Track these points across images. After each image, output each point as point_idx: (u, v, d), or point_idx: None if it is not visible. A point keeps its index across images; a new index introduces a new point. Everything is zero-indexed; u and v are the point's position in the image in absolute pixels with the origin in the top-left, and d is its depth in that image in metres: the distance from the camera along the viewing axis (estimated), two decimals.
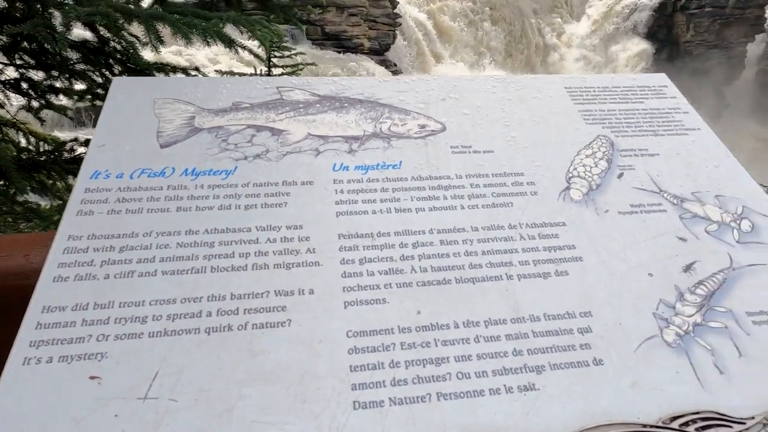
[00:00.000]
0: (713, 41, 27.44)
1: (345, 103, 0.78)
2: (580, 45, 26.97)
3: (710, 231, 0.66)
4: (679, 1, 27.92)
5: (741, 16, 27.14)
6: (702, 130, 0.81)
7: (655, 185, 0.71)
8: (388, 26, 20.95)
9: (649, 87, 0.88)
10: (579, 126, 0.79)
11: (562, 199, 0.68)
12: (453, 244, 0.61)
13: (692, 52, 27.59)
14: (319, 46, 18.53)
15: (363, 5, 19.44)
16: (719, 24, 27.17)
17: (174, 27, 1.39)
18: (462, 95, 0.82)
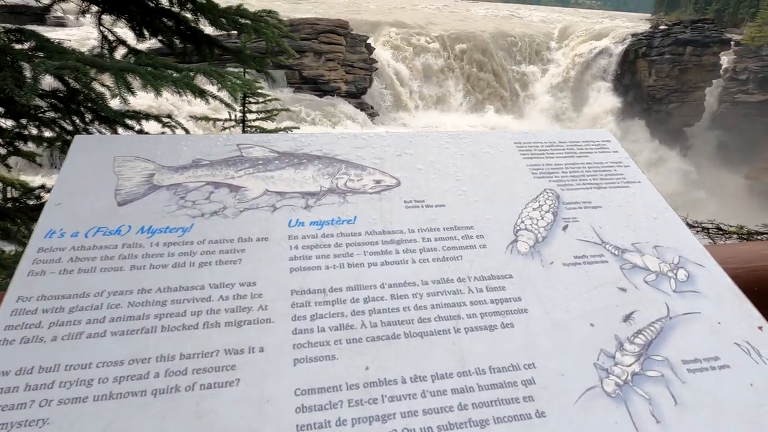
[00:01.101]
0: (674, 86, 28.96)
1: (303, 160, 0.81)
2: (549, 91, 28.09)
3: (649, 281, 0.70)
4: (641, 49, 29.56)
5: (698, 63, 28.82)
6: (642, 182, 0.86)
7: (597, 237, 0.75)
8: (364, 71, 21.55)
9: (593, 142, 0.93)
10: (527, 180, 0.83)
11: (510, 252, 0.71)
12: (403, 298, 0.63)
13: (655, 95, 29.02)
14: (298, 90, 18.88)
15: (340, 51, 20.03)
16: (678, 70, 28.77)
17: (144, 79, 1.42)
18: (417, 150, 0.86)
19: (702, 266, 0.73)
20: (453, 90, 25.66)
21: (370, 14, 30.53)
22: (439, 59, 25.90)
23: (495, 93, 26.94)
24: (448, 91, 25.48)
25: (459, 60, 26.52)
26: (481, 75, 26.81)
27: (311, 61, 19.31)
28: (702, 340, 0.63)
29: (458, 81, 26.02)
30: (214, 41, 2.30)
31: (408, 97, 24.01)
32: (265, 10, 2.35)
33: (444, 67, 25.89)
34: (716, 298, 0.69)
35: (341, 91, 20.21)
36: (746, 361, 0.62)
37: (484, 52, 27.35)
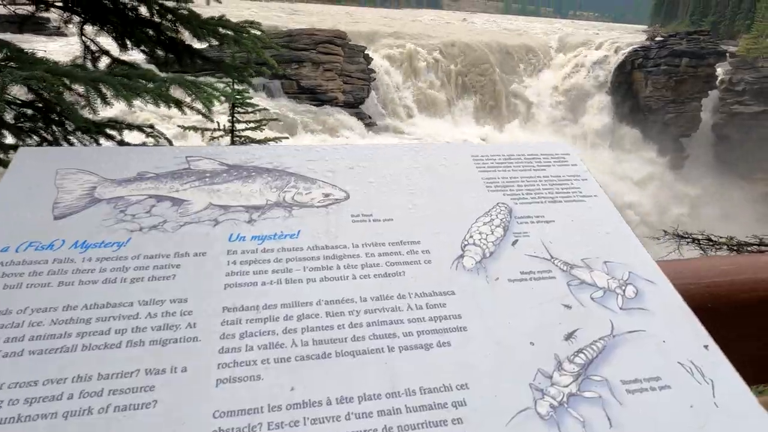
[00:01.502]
0: (670, 97, 29.15)
1: (252, 172, 0.80)
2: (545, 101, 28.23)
3: (595, 297, 0.68)
4: (637, 60, 29.78)
5: (694, 74, 29.03)
6: (599, 196, 0.85)
7: (547, 252, 0.74)
8: (362, 81, 21.67)
9: (552, 155, 0.93)
10: (480, 193, 0.82)
11: (455, 268, 0.70)
12: (339, 315, 0.62)
13: (651, 106, 29.18)
14: (295, 100, 18.96)
15: (338, 61, 20.15)
16: (674, 81, 28.96)
17: (114, 89, 1.41)
18: (371, 163, 0.85)
19: (652, 282, 0.71)
20: (450, 100, 25.78)
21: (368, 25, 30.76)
22: (437, 70, 26.05)
23: (492, 103, 27.07)
24: (445, 101, 25.61)
25: (457, 70, 26.68)
26: (478, 86, 26.96)
27: (309, 71, 19.41)
28: (645, 359, 0.62)
29: (456, 91, 26.15)
30: (195, 51, 2.30)
31: (405, 107, 24.11)
32: (248, 20, 2.35)
33: (442, 77, 26.04)
34: (664, 316, 0.67)
35: (339, 100, 20.30)
36: (688, 381, 0.60)
37: (481, 62, 27.53)
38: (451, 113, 25.38)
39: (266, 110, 4.36)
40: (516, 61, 29.76)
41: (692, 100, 29.32)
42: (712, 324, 0.76)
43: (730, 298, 0.77)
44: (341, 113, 19.70)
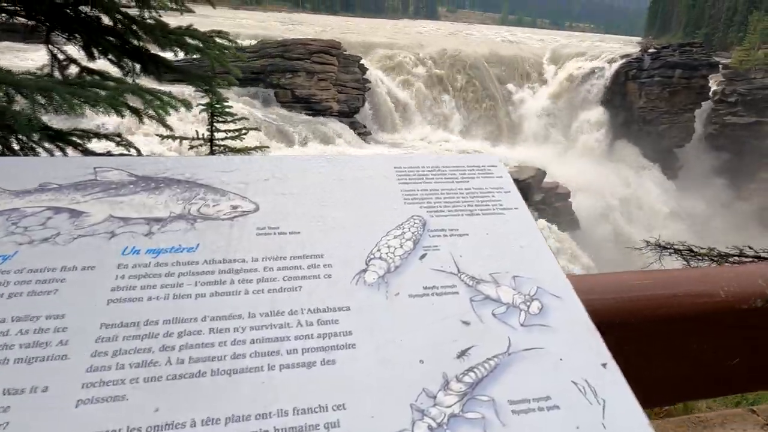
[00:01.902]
0: (664, 107, 29.36)
1: (161, 184, 0.78)
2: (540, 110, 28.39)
3: (497, 314, 0.67)
4: (631, 71, 30.02)
5: (687, 86, 29.27)
6: (519, 209, 0.83)
7: (455, 266, 0.72)
8: (357, 90, 21.75)
9: (477, 167, 0.91)
10: (396, 206, 0.81)
11: (356, 282, 0.68)
12: (223, 332, 0.60)
13: (645, 117, 29.38)
14: (289, 109, 19.00)
15: (332, 71, 20.23)
16: (668, 92, 29.18)
17: (62, 98, 1.40)
18: (286, 175, 0.83)
19: (559, 298, 0.70)
20: (445, 110, 25.89)
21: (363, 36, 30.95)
22: (431, 80, 26.19)
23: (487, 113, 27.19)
24: (440, 111, 25.71)
25: (451, 80, 26.82)
26: (473, 95, 27.09)
27: (303, 80, 19.47)
28: (537, 378, 0.60)
29: (450, 101, 26.27)
30: (160, 60, 2.29)
31: (400, 116, 24.20)
32: (216, 30, 2.35)
33: (436, 87, 26.17)
34: (566, 333, 0.66)
35: (333, 110, 20.35)
36: (579, 401, 0.58)
37: (476, 72, 27.70)
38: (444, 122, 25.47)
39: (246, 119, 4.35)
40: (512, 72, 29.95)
41: (685, 111, 29.54)
42: (622, 340, 0.74)
43: (643, 314, 0.76)
44: (335, 122, 19.74)
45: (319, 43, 20.50)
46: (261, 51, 19.83)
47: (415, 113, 24.96)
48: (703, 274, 0.82)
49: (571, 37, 54.28)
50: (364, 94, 22.39)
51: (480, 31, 56.27)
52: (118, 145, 2.44)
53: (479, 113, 27.08)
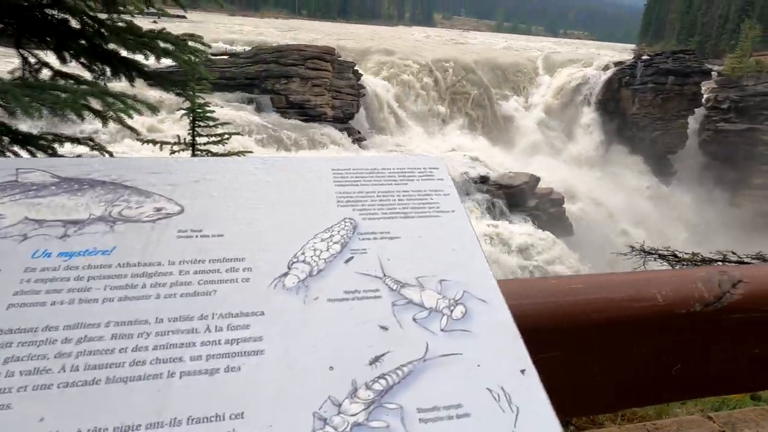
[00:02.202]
0: (657, 114, 29.54)
1: (85, 185, 0.76)
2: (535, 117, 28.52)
3: (418, 318, 0.65)
4: (624, 78, 30.22)
5: (680, 92, 29.47)
6: (456, 212, 0.82)
7: (380, 270, 0.70)
8: (351, 96, 21.79)
9: (419, 169, 0.90)
10: (329, 209, 0.79)
11: (274, 286, 0.66)
12: (126, 338, 0.58)
13: (639, 123, 29.55)
14: (284, 115, 19.01)
15: (327, 77, 20.27)
16: (661, 99, 29.38)
17: (17, 101, 1.38)
18: (219, 176, 0.81)
19: (485, 302, 0.68)
20: (440, 115, 25.97)
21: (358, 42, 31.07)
22: (426, 86, 26.28)
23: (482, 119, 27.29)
24: (434, 117, 25.79)
25: (446, 86, 26.93)
26: (468, 101, 27.20)
27: (298, 86, 19.50)
28: (452, 385, 0.58)
29: (445, 107, 26.36)
30: (131, 64, 2.28)
31: (395, 122, 24.25)
32: (189, 33, 2.34)
33: (431, 93, 26.26)
34: (487, 338, 0.64)
35: (328, 116, 20.37)
36: (492, 408, 0.57)
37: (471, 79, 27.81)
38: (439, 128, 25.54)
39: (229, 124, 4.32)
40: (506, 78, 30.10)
41: (678, 117, 29.74)
42: (552, 344, 0.73)
43: (578, 319, 0.74)
44: (330, 128, 19.75)
45: (313, 49, 20.55)
46: (256, 57, 19.86)
47: (410, 119, 25.02)
48: (640, 278, 0.80)
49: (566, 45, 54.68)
50: (359, 100, 22.43)
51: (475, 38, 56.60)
52: (92, 149, 2.42)
53: (474, 119, 27.17)
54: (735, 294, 0.80)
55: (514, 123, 28.43)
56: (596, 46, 56.03)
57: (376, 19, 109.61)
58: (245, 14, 76.30)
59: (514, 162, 23.11)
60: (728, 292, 0.81)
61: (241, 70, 19.51)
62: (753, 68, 31.08)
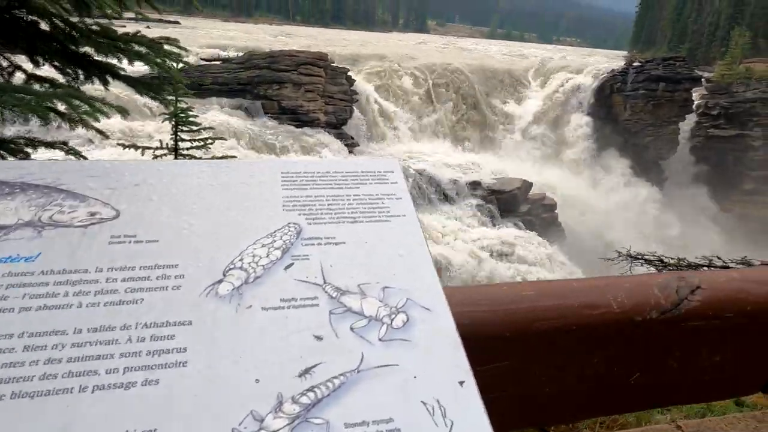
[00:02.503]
0: (649, 120, 29.74)
1: (17, 189, 0.73)
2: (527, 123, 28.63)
3: (356, 327, 0.62)
4: (616, 84, 30.43)
5: (671, 99, 29.70)
6: (407, 216, 0.79)
7: (321, 276, 0.68)
8: (345, 102, 21.80)
9: (373, 172, 0.87)
10: (274, 213, 0.76)
11: (206, 295, 0.63)
12: (39, 350, 0.54)
13: (631, 129, 29.73)
14: (276, 120, 18.97)
15: (320, 83, 20.27)
16: (652, 105, 29.59)
17: None
18: (160, 180, 0.78)
19: (429, 310, 0.65)
20: (433, 121, 26.03)
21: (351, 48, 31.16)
22: (419, 92, 26.36)
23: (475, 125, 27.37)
24: (428, 123, 25.84)
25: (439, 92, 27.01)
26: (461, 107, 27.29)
27: (290, 92, 19.48)
28: (384, 398, 0.55)
29: (438, 113, 26.43)
30: (104, 67, 2.24)
31: (389, 127, 24.28)
32: (165, 37, 2.31)
33: (424, 99, 26.33)
34: (427, 348, 0.61)
35: (321, 121, 20.36)
36: (425, 423, 0.54)
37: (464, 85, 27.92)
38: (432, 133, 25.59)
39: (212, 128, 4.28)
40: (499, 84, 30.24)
41: (670, 123, 29.94)
42: (506, 355, 0.70)
43: (531, 327, 0.72)
44: (322, 134, 19.74)
45: (306, 54, 20.56)
46: (248, 62, 19.85)
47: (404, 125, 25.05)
48: (595, 284, 0.78)
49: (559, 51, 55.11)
50: (352, 106, 22.44)
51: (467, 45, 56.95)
52: (67, 153, 2.38)
53: (467, 126, 27.25)
54: (693, 301, 0.78)
55: (506, 128, 28.53)
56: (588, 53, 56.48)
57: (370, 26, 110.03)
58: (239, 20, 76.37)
59: (506, 167, 23.18)
60: (686, 299, 0.78)
61: (233, 76, 19.49)
62: (743, 75, 31.40)
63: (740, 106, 29.41)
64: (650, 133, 29.70)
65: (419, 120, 25.70)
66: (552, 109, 29.63)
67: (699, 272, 0.82)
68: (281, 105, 19.36)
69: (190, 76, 19.36)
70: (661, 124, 29.74)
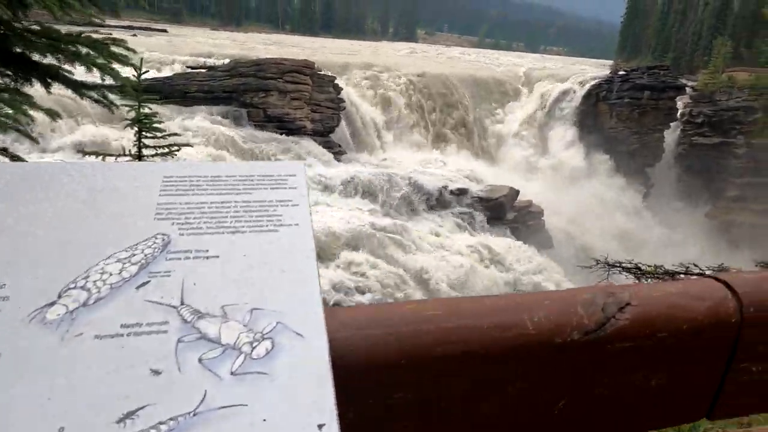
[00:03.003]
0: (634, 128, 30.03)
1: None
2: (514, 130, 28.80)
3: (206, 359, 0.52)
4: (601, 93, 30.73)
5: (656, 107, 30.05)
6: (299, 225, 0.70)
7: (180, 297, 0.58)
8: (331, 110, 21.74)
9: (271, 176, 0.78)
10: (143, 223, 0.66)
11: (30, 320, 0.53)
12: None
13: (616, 137, 29.99)
14: (261, 128, 18.86)
15: (306, 90, 20.22)
16: (638, 113, 29.90)
17: None
18: (17, 186, 0.68)
19: (301, 336, 0.56)
20: (420, 130, 26.05)
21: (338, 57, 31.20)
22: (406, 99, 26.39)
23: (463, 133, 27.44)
24: (415, 131, 25.86)
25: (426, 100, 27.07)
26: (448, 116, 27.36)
27: (276, 99, 19.38)
28: None
29: (425, 121, 26.47)
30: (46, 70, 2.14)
31: (376, 135, 24.25)
32: (112, 37, 2.21)
33: (411, 107, 26.37)
34: (287, 383, 0.51)
35: (307, 129, 20.25)
36: None
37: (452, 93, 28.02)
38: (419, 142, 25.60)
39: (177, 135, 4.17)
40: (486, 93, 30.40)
41: (655, 131, 30.26)
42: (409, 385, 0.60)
43: (432, 351, 0.62)
44: (308, 141, 19.63)
45: (291, 62, 20.48)
46: (233, 70, 19.72)
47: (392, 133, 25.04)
48: (510, 302, 0.68)
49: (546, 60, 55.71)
50: (339, 114, 22.38)
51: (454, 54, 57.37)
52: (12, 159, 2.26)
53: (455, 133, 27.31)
54: (621, 319, 0.69)
55: (493, 137, 28.66)
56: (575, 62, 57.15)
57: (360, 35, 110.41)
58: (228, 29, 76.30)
59: (494, 175, 23.23)
60: (613, 317, 0.70)
61: (218, 84, 19.35)
62: (725, 84, 31.87)
63: (723, 114, 29.82)
64: (635, 140, 29.97)
65: (406, 128, 25.71)
66: (538, 117, 29.83)
67: (630, 287, 0.73)
68: (267, 113, 19.25)
69: (175, 84, 19.21)
70: (646, 132, 30.04)
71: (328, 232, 13.94)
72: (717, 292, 0.75)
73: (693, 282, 0.79)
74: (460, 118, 27.62)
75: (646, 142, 30.07)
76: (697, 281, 0.79)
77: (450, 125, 27.24)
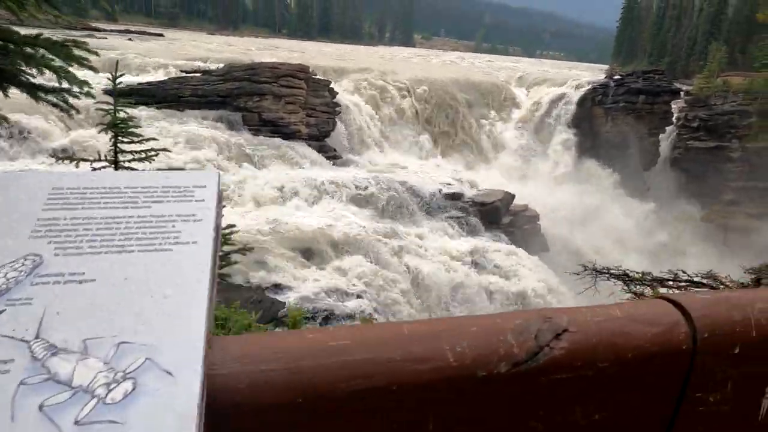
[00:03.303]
0: (630, 132, 30.07)
1: None
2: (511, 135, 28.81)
3: (48, 405, 0.45)
4: (597, 97, 30.79)
5: (651, 111, 30.12)
6: (198, 243, 0.62)
7: (36, 329, 0.50)
8: (327, 114, 21.70)
9: (177, 188, 0.70)
10: (15, 242, 0.59)
11: None
12: None
13: (612, 141, 30.02)
14: (256, 133, 18.79)
15: (301, 95, 20.17)
16: (633, 117, 29.96)
17: None
18: None
19: (171, 375, 0.48)
20: (416, 134, 26.02)
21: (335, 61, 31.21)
22: (402, 104, 26.38)
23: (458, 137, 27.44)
24: (411, 135, 25.83)
25: (422, 105, 27.07)
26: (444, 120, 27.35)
27: (271, 104, 19.31)
28: None
29: (421, 125, 26.45)
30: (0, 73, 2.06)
31: (371, 140, 24.20)
32: (73, 40, 2.14)
33: (407, 111, 26.35)
34: None
35: (302, 133, 20.19)
36: None
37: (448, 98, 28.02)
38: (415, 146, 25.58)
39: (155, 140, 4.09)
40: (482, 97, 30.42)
41: (650, 135, 30.31)
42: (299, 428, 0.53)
43: (339, 387, 0.55)
44: (303, 146, 19.56)
45: (286, 66, 20.43)
46: (228, 74, 19.65)
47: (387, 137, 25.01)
48: (430, 330, 0.61)
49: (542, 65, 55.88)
50: (335, 118, 22.33)
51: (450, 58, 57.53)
52: None
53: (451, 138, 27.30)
54: (556, 348, 0.62)
55: (489, 141, 28.65)
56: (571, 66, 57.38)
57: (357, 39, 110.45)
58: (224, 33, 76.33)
59: (489, 179, 23.19)
60: (547, 346, 0.62)
61: (213, 88, 19.29)
62: (720, 88, 31.94)
63: (718, 119, 29.87)
64: (631, 144, 30.01)
65: (402, 132, 25.69)
66: (534, 122, 29.86)
67: (568, 311, 0.66)
68: (262, 117, 19.18)
69: (168, 88, 19.13)
70: (642, 136, 30.09)
71: (321, 236, 13.86)
72: (668, 316, 0.68)
73: (642, 304, 0.71)
74: (456, 122, 27.61)
75: (641, 146, 30.11)
76: (647, 302, 0.71)
77: (446, 129, 27.23)
